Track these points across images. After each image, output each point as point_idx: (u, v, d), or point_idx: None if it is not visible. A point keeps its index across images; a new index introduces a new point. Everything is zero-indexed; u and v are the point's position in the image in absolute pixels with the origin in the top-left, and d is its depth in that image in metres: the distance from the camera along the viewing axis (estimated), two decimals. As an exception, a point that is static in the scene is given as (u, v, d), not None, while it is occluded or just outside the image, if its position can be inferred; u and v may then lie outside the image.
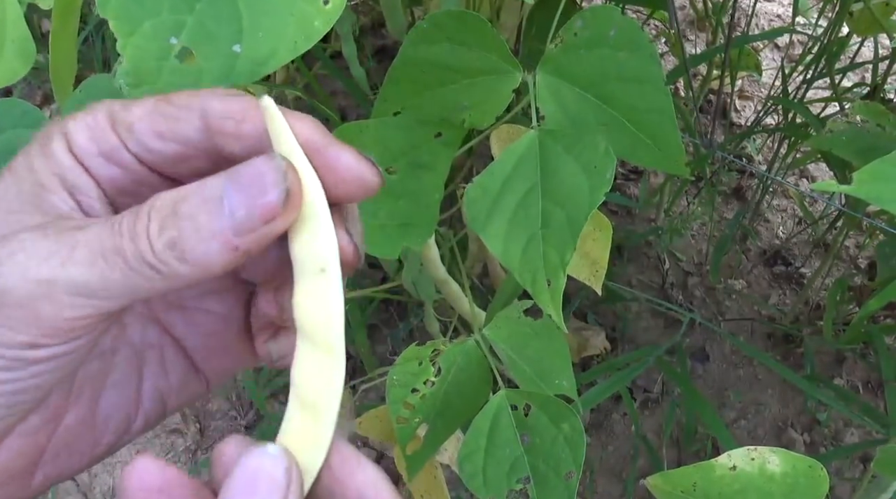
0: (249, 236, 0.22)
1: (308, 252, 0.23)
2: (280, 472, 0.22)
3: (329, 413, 0.23)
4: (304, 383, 0.23)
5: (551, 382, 0.61)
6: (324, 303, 0.23)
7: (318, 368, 0.23)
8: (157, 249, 0.22)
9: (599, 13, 0.51)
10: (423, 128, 0.56)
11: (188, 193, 0.23)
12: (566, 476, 0.55)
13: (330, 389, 0.23)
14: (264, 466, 0.22)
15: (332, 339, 0.23)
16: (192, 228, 0.22)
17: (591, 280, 0.71)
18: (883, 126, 0.77)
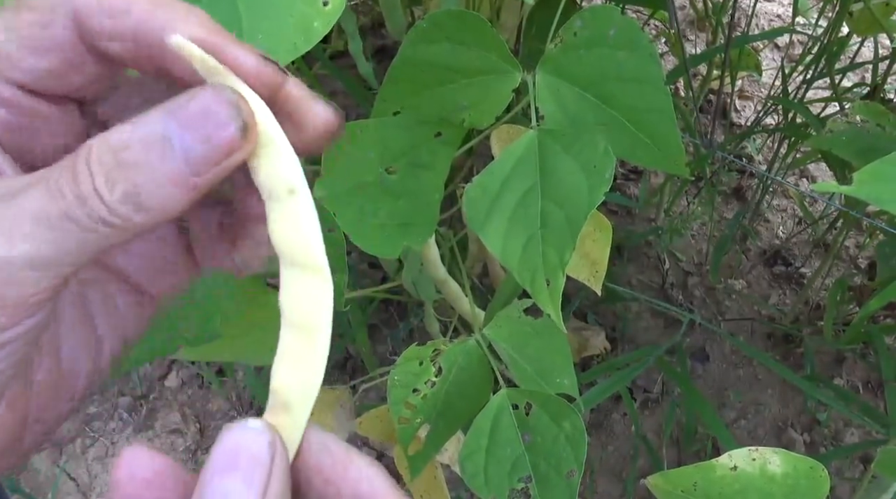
0: (209, 173, 0.21)
1: (273, 177, 0.22)
2: (262, 447, 0.20)
3: (322, 332, 0.23)
4: (293, 307, 0.23)
5: (552, 380, 0.62)
6: (299, 224, 0.22)
7: (306, 290, 0.23)
8: (113, 205, 0.21)
9: (599, 13, 0.51)
10: (423, 127, 0.56)
11: (126, 138, 0.21)
12: (567, 475, 0.55)
13: (321, 307, 0.23)
14: (245, 441, 0.20)
15: (313, 258, 0.23)
16: (145, 176, 0.21)
17: (591, 280, 0.71)
18: (883, 126, 0.77)
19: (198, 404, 1.30)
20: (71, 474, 1.21)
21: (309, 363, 0.23)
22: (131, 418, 1.27)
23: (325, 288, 0.23)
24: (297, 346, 0.23)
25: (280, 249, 0.23)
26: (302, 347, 0.23)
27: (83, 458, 1.23)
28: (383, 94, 0.57)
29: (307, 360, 0.23)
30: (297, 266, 0.23)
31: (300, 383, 0.22)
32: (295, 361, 0.23)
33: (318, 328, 0.23)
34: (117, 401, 1.29)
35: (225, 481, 0.20)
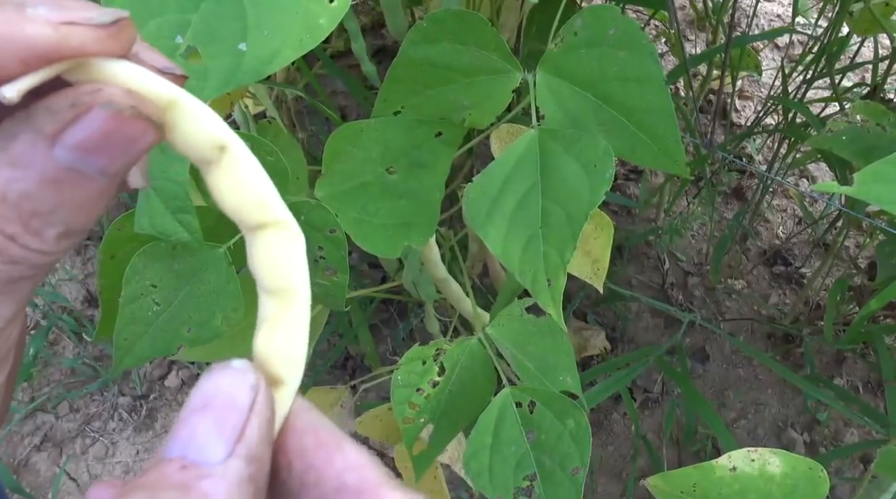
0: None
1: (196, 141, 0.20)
2: (242, 389, 0.18)
3: (299, 292, 0.20)
4: (263, 270, 0.20)
5: (555, 378, 0.62)
6: (242, 180, 0.20)
7: (272, 249, 0.20)
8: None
9: (599, 13, 0.51)
10: (424, 127, 0.56)
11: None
12: (572, 472, 0.55)
13: (291, 264, 0.20)
14: (224, 382, 0.18)
15: (271, 212, 0.20)
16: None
17: (593, 278, 0.71)
18: (883, 126, 0.77)
19: (198, 403, 1.29)
20: (71, 474, 1.21)
21: (290, 328, 0.20)
22: (131, 418, 1.27)
23: (293, 242, 0.20)
24: (275, 311, 0.20)
25: (233, 212, 0.20)
26: (280, 311, 0.20)
27: (83, 458, 1.23)
28: (384, 94, 0.57)
29: (288, 325, 0.20)
30: (257, 226, 0.20)
31: (284, 351, 0.20)
32: (275, 329, 0.20)
33: (294, 288, 0.20)
34: (117, 401, 1.29)
35: (195, 422, 0.18)
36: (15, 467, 1.21)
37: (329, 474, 0.19)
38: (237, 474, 0.17)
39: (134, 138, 0.19)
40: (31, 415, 1.27)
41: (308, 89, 1.24)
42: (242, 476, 0.17)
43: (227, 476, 0.17)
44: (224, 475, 0.17)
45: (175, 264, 0.54)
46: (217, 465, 0.17)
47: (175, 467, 0.17)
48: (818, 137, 0.80)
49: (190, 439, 0.17)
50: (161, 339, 0.54)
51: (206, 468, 0.17)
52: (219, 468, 0.17)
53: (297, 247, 0.20)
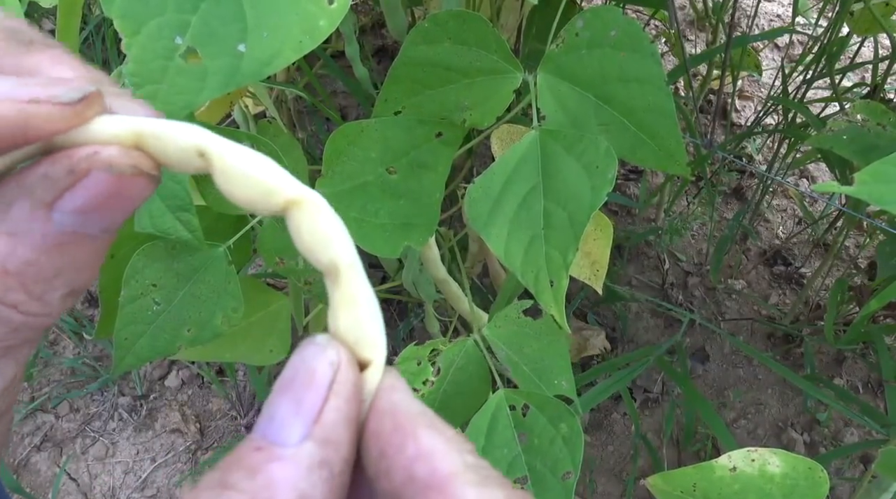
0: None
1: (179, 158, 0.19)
2: (322, 366, 0.17)
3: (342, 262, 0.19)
4: (305, 252, 0.19)
5: (550, 382, 0.61)
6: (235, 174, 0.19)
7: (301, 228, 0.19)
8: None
9: (601, 13, 0.51)
10: (424, 127, 0.56)
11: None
12: (563, 476, 0.55)
13: (321, 236, 0.19)
14: (304, 360, 0.17)
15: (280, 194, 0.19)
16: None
17: (592, 280, 0.71)
18: (884, 125, 0.77)
19: (198, 403, 1.30)
20: (71, 474, 1.21)
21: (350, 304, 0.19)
22: (131, 418, 1.27)
23: (316, 215, 0.19)
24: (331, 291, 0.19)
25: (250, 207, 0.20)
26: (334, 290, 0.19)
27: (83, 458, 1.23)
28: (384, 94, 0.57)
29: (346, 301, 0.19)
30: (280, 211, 0.20)
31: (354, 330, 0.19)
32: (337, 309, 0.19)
33: (337, 261, 0.19)
34: (117, 401, 1.29)
35: (277, 400, 0.17)
36: (15, 467, 1.21)
37: (399, 463, 0.17)
38: (309, 458, 0.16)
39: (135, 195, 0.18)
40: (31, 415, 1.27)
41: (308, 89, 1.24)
42: (314, 461, 0.16)
43: (298, 460, 0.16)
44: (295, 459, 0.16)
45: (175, 264, 0.54)
46: (291, 447, 0.16)
47: (251, 448, 0.16)
48: (818, 137, 0.80)
49: (271, 417, 0.17)
50: (161, 338, 0.54)
51: (279, 450, 0.16)
52: (290, 451, 0.16)
53: (323, 218, 0.19)
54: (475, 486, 0.16)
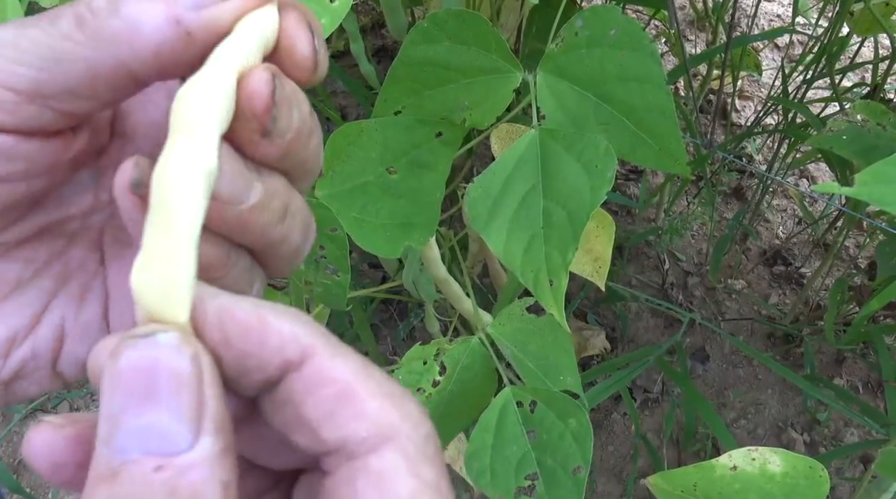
0: (197, 14, 0.19)
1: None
2: (184, 364, 0.16)
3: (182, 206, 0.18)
4: (158, 182, 0.18)
5: (556, 378, 0.61)
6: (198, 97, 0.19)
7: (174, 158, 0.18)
8: (94, 7, 0.19)
9: (600, 13, 0.51)
10: (424, 127, 0.56)
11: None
12: (574, 471, 0.55)
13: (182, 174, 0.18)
14: (161, 359, 0.16)
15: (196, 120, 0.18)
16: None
17: (594, 276, 0.71)
18: (884, 125, 0.77)
19: (198, 403, 1.29)
20: (71, 474, 1.20)
21: (171, 248, 0.17)
22: (131, 418, 1.27)
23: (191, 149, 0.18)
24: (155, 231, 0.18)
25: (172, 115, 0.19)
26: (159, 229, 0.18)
27: (83, 458, 1.23)
28: (384, 93, 0.57)
29: (168, 242, 0.17)
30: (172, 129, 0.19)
31: (162, 287, 0.17)
32: (154, 251, 0.18)
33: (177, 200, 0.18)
34: (117, 401, 1.29)
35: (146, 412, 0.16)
36: (15, 467, 1.21)
37: (267, 354, 0.17)
38: (211, 452, 0.16)
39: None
40: (31, 415, 1.27)
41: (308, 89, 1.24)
42: (217, 451, 0.16)
43: (205, 459, 0.16)
44: (202, 461, 0.16)
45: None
46: (188, 451, 0.16)
47: (149, 470, 0.15)
48: (818, 137, 0.80)
49: (147, 431, 0.16)
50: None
51: (180, 459, 0.16)
52: (191, 455, 0.16)
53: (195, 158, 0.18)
54: (339, 357, 0.18)
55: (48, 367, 0.24)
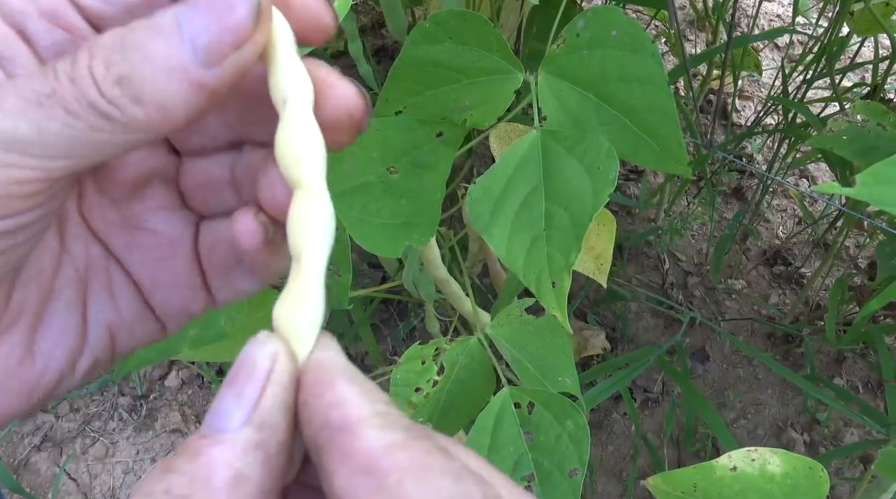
0: (216, 69, 0.19)
1: (274, 89, 0.21)
2: (261, 359, 0.19)
3: (309, 256, 0.20)
4: (288, 231, 0.21)
5: (554, 379, 0.62)
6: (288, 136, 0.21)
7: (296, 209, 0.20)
8: (105, 87, 0.19)
9: (602, 14, 0.51)
10: (425, 127, 0.56)
11: (137, 23, 0.19)
12: (570, 473, 0.55)
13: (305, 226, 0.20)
14: (246, 355, 0.19)
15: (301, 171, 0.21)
16: (144, 58, 0.19)
17: (596, 274, 0.71)
18: (884, 125, 0.77)
19: (198, 403, 1.30)
20: (71, 474, 1.21)
21: (299, 296, 0.20)
22: (131, 418, 1.27)
23: (314, 206, 0.20)
24: (291, 277, 0.21)
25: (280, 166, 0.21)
26: (294, 277, 0.20)
27: (83, 458, 1.23)
28: (385, 93, 0.57)
29: (297, 292, 0.20)
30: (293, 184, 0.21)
31: (293, 320, 0.20)
32: (287, 296, 0.20)
33: (305, 253, 0.20)
34: (117, 401, 1.29)
35: (222, 394, 0.18)
36: (15, 467, 1.21)
37: (317, 410, 0.18)
38: (245, 440, 0.17)
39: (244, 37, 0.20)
40: (31, 415, 1.27)
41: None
42: (250, 443, 0.17)
43: (235, 442, 0.17)
44: (232, 442, 0.17)
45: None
46: (231, 432, 0.17)
47: (196, 437, 0.18)
48: (819, 137, 0.80)
49: (216, 410, 0.18)
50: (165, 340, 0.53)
51: (220, 436, 0.17)
52: (229, 436, 0.17)
53: (318, 212, 0.20)
54: (378, 428, 0.17)
55: (108, 362, 0.26)
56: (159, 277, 0.26)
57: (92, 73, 0.19)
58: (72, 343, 0.24)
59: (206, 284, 0.26)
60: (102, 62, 0.19)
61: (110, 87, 0.19)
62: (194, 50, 0.19)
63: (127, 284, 0.26)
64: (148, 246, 0.26)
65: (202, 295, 0.26)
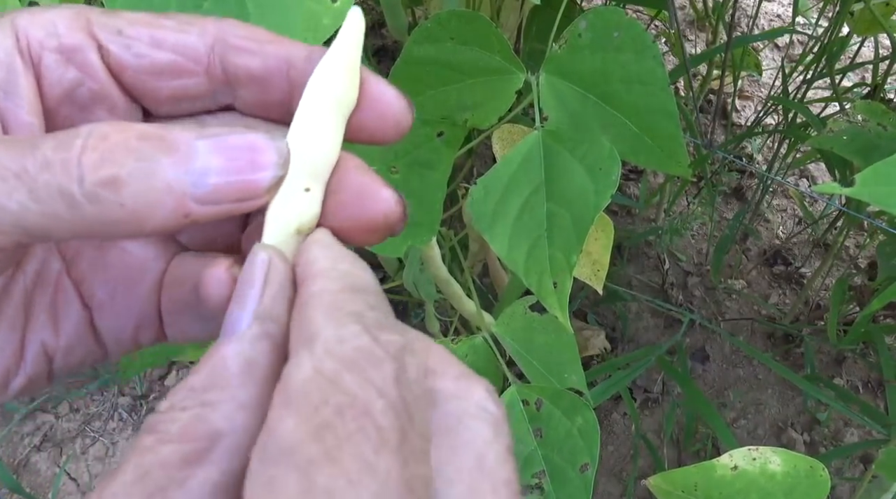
0: (210, 208, 0.19)
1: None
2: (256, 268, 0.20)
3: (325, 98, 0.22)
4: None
5: (560, 375, 0.61)
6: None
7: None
8: (89, 181, 0.18)
9: (604, 15, 0.51)
10: (426, 127, 0.56)
11: (152, 129, 0.19)
12: (581, 469, 0.55)
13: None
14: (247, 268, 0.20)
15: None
16: (146, 171, 0.18)
17: (592, 280, 0.71)
18: (884, 125, 0.77)
19: (198, 403, 1.29)
20: (71, 474, 1.20)
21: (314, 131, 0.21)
22: (131, 418, 1.27)
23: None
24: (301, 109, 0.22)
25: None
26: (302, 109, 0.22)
27: (83, 458, 1.23)
28: (386, 93, 0.57)
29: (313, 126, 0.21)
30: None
31: (311, 146, 0.21)
32: (299, 128, 0.21)
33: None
34: (117, 401, 1.29)
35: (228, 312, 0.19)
36: (15, 467, 1.21)
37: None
38: (252, 334, 0.19)
39: (253, 197, 0.20)
40: (31, 415, 1.27)
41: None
42: (256, 335, 0.19)
43: (244, 337, 0.19)
44: (241, 338, 0.19)
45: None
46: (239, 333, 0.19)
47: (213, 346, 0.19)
48: (819, 137, 0.80)
49: (225, 323, 0.19)
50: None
51: (230, 337, 0.19)
52: (237, 335, 0.19)
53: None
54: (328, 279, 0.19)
55: (44, 382, 0.25)
56: (116, 301, 0.25)
57: (80, 162, 0.18)
58: (7, 364, 0.23)
59: (160, 316, 0.25)
60: (97, 156, 0.18)
61: (95, 183, 0.18)
62: (197, 184, 0.19)
63: (74, 306, 0.25)
64: (116, 267, 0.25)
65: (155, 327, 0.25)
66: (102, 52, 0.21)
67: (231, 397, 0.18)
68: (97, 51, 0.21)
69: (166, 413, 0.17)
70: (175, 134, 0.19)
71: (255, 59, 0.22)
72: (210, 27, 0.22)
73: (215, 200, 0.19)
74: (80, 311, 0.24)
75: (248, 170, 0.20)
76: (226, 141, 0.19)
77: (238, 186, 0.19)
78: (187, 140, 0.19)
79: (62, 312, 0.24)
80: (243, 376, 0.18)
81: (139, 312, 0.25)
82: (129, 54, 0.21)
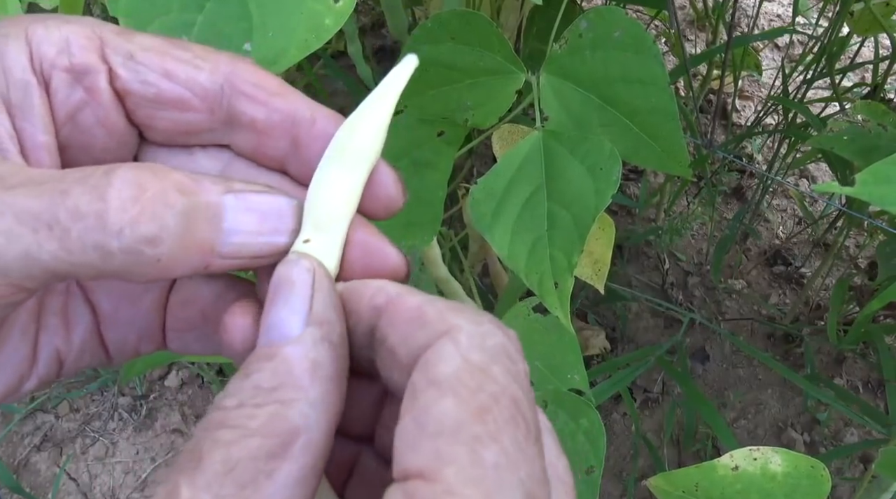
0: (229, 262, 0.21)
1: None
2: (302, 274, 0.20)
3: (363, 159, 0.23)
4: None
5: (563, 377, 0.61)
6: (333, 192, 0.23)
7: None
8: (129, 237, 0.18)
9: (605, 14, 0.51)
10: (426, 127, 0.56)
11: (188, 181, 0.20)
12: (587, 471, 0.55)
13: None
14: (283, 275, 0.20)
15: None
16: (183, 227, 0.19)
17: (593, 279, 0.71)
18: (884, 125, 0.77)
19: (198, 403, 1.30)
20: (71, 474, 1.20)
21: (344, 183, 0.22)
22: (131, 418, 1.27)
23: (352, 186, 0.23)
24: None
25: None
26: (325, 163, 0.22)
27: (83, 458, 1.23)
28: (386, 93, 0.57)
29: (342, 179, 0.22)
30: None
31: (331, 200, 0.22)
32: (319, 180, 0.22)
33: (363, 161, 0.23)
34: (117, 401, 1.29)
35: (271, 311, 0.20)
36: (15, 467, 1.21)
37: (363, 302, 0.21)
38: (312, 337, 0.19)
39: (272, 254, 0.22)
40: (31, 415, 1.27)
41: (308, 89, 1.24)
42: (316, 338, 0.19)
43: (304, 340, 0.19)
44: (301, 340, 0.19)
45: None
46: (295, 336, 0.19)
47: (261, 348, 0.20)
48: (819, 137, 0.80)
49: (269, 327, 0.20)
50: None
51: (287, 340, 0.19)
52: (295, 337, 0.19)
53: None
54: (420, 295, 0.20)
55: (54, 381, 0.25)
56: (119, 315, 0.25)
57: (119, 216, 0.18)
58: (21, 367, 0.24)
59: (164, 330, 0.26)
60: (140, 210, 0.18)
61: (137, 239, 0.19)
62: (224, 242, 0.20)
63: (84, 314, 0.25)
64: (118, 284, 0.25)
65: (157, 340, 0.26)
66: (111, 75, 0.21)
67: (304, 396, 0.19)
68: (106, 73, 0.21)
69: (239, 410, 0.18)
70: (207, 187, 0.20)
71: (261, 110, 0.22)
72: (223, 66, 0.22)
73: (237, 255, 0.21)
74: (89, 319, 0.25)
75: (272, 233, 0.21)
76: (255, 202, 0.21)
77: (260, 247, 0.21)
78: (217, 195, 0.20)
79: (73, 317, 0.25)
80: (312, 377, 0.19)
81: (141, 327, 0.25)
82: (136, 81, 0.21)
